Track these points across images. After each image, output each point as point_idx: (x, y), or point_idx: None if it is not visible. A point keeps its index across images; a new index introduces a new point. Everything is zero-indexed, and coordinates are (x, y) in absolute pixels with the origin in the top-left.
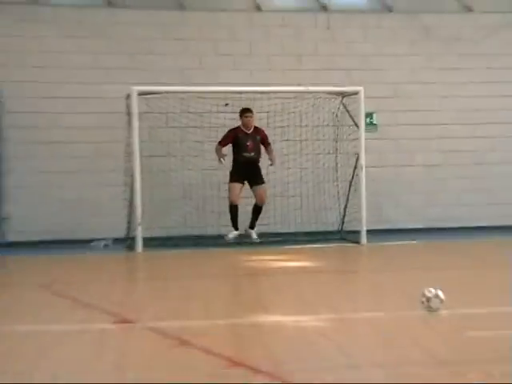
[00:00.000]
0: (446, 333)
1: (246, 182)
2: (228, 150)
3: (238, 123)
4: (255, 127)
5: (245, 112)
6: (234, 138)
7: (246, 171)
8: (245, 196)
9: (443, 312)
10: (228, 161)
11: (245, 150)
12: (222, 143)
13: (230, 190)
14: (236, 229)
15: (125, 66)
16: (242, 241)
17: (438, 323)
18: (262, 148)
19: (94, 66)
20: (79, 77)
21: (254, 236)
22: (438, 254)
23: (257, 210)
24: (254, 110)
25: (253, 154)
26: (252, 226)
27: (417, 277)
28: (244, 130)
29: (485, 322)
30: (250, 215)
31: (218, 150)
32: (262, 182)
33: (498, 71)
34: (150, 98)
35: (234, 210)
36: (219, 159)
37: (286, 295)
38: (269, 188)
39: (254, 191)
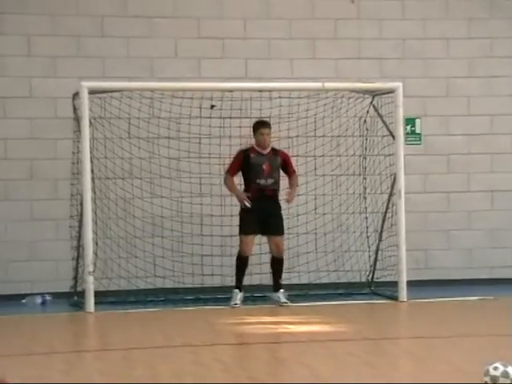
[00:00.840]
0: None
1: (261, 230)
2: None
3: (228, 132)
4: (273, 148)
5: (261, 126)
6: (244, 159)
7: (262, 213)
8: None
9: None
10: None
11: (259, 176)
12: (231, 170)
13: (241, 242)
14: (240, 289)
15: (71, 53)
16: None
17: None
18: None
19: (27, 52)
20: (6, 68)
21: (283, 299)
22: (508, 316)
23: (277, 265)
24: (251, 114)
25: (270, 181)
26: (277, 288)
27: (477, 347)
28: (258, 149)
29: None
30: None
31: (232, 186)
32: (282, 233)
33: None
34: (106, 98)
35: (243, 262)
36: (241, 201)
37: (293, 372)
38: None
39: (268, 239)
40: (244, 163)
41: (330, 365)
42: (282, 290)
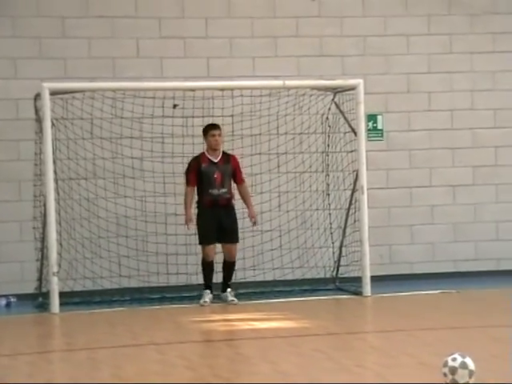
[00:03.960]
0: None
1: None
2: None
3: (190, 131)
4: (224, 153)
5: (211, 129)
6: (197, 169)
7: (217, 221)
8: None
9: None
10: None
11: (211, 185)
12: (191, 182)
13: (203, 250)
14: (210, 289)
15: (32, 54)
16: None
17: None
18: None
19: None
20: None
21: (230, 297)
22: (469, 309)
23: (229, 268)
24: (214, 113)
25: (223, 190)
26: (225, 288)
27: (440, 340)
28: (209, 156)
29: None
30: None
31: (187, 203)
32: (236, 241)
33: None
34: (68, 99)
35: (208, 266)
36: (186, 222)
37: (256, 368)
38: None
39: (222, 246)
40: (196, 173)
41: (295, 361)
42: (229, 290)
